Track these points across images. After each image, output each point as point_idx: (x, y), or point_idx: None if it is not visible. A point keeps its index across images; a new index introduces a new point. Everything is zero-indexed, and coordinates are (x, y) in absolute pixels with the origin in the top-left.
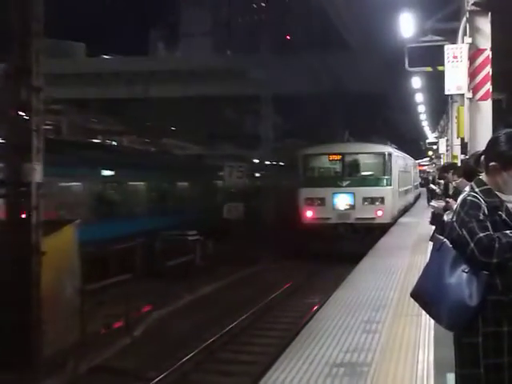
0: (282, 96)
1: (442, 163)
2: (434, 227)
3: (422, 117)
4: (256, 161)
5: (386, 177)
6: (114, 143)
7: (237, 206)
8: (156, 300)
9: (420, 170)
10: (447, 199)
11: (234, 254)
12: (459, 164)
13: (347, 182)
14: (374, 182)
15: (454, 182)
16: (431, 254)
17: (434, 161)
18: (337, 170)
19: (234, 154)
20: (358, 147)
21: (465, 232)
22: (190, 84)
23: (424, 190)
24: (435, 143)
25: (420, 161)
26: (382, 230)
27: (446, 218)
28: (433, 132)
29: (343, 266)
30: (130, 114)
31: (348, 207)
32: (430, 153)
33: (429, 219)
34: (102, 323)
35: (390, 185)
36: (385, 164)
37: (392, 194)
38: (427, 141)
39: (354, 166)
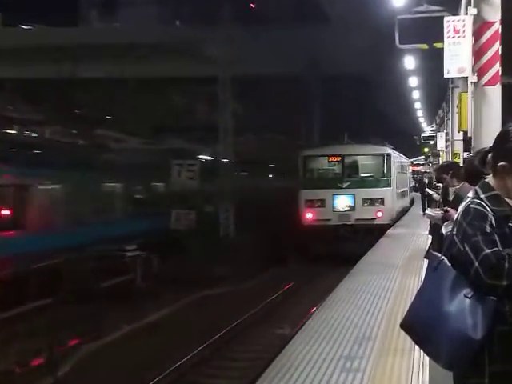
0: (246, 78)
1: (441, 162)
2: (430, 242)
3: (417, 105)
4: (213, 158)
5: (385, 178)
6: (29, 135)
7: (187, 214)
8: (87, 330)
9: (413, 171)
10: (446, 208)
11: (185, 273)
12: (461, 164)
13: (347, 184)
14: (374, 183)
15: (454, 187)
16: (426, 274)
17: (430, 159)
18: (337, 172)
19: (184, 150)
20: (358, 149)
21: (468, 248)
22: (130, 62)
23: (418, 195)
24: (432, 138)
25: (414, 159)
26: (381, 231)
27: (444, 230)
28: (429, 124)
29: (327, 284)
30: (56, 98)
31: (348, 208)
32: (426, 150)
33: (426, 231)
34: (17, 360)
35: (390, 186)
36: (384, 165)
37: (391, 195)
38: (422, 135)
39: (354, 168)
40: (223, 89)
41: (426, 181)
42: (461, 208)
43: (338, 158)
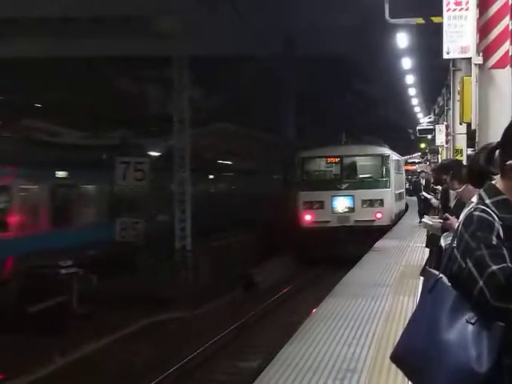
0: (206, 59)
1: (440, 160)
2: (427, 256)
3: (411, 92)
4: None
5: (384, 179)
6: None
7: (134, 223)
8: (8, 365)
9: (408, 171)
10: (446, 215)
11: (130, 295)
12: (464, 162)
13: (346, 185)
14: (373, 184)
15: (455, 191)
16: (421, 296)
17: (428, 157)
18: (335, 173)
19: (131, 144)
20: (357, 149)
21: (470, 264)
22: (62, 37)
23: (414, 200)
24: (430, 131)
25: (408, 157)
26: (380, 232)
27: (443, 242)
28: (426, 115)
29: (303, 307)
30: None
31: (347, 210)
32: (423, 145)
33: (422, 244)
34: None
35: (389, 187)
36: (383, 166)
37: (391, 196)
38: (418, 128)
39: (353, 169)
40: (178, 71)
41: (423, 182)
42: (462, 216)
43: (337, 159)
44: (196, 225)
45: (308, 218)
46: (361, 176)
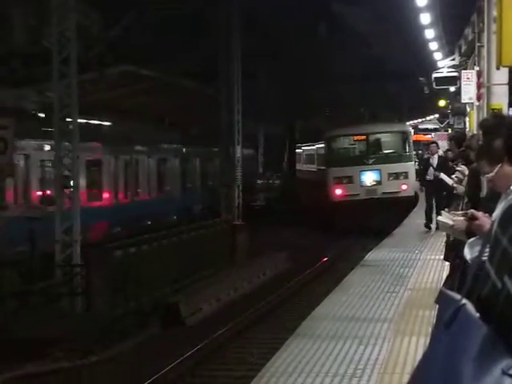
0: None
1: (468, 126)
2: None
3: (424, 19)
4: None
5: (407, 153)
6: None
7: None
8: None
9: (417, 143)
10: (471, 211)
11: None
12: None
13: (372, 160)
14: (398, 158)
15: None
16: (435, 332)
17: (449, 121)
18: (362, 149)
19: None
20: (381, 127)
21: (511, 283)
22: None
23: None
24: (453, 80)
25: (419, 121)
26: (406, 203)
27: (468, 252)
28: (448, 56)
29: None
30: None
31: (375, 183)
32: (443, 103)
33: (438, 255)
34: None
35: (412, 160)
36: (405, 141)
37: (413, 169)
38: (435, 75)
39: (378, 145)
40: None
41: (434, 161)
42: (498, 212)
43: (363, 137)
44: None
45: (338, 192)
46: (386, 151)
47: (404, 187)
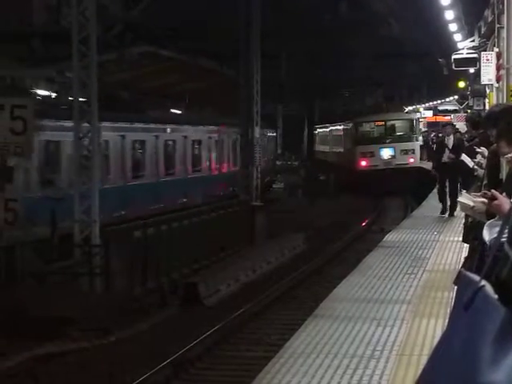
0: None
1: (488, 107)
2: (464, 255)
3: (444, 1)
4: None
5: (415, 135)
6: None
7: None
8: None
9: (432, 125)
10: (492, 192)
11: None
12: None
13: (389, 140)
14: (407, 138)
15: (505, 156)
16: (453, 314)
17: (469, 102)
18: (381, 132)
19: None
20: (395, 115)
21: None
22: None
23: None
24: (473, 61)
25: (438, 102)
26: (413, 172)
27: (487, 234)
28: (468, 37)
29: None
30: None
31: (390, 157)
32: (462, 84)
33: (457, 236)
34: None
35: (417, 140)
36: (413, 126)
37: (418, 147)
38: (455, 56)
39: (393, 129)
40: None
41: (450, 142)
42: None
43: (382, 123)
44: None
45: (363, 163)
46: (398, 133)
47: (411, 160)
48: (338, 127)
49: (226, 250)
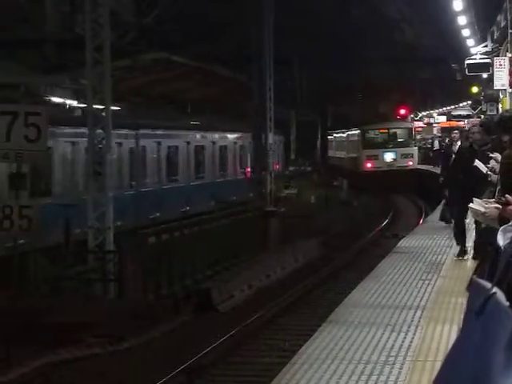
0: None
1: (500, 112)
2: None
3: (457, 5)
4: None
5: (413, 141)
6: None
7: None
8: None
9: (445, 130)
10: (507, 197)
11: None
12: None
13: (391, 145)
14: (406, 144)
15: None
16: (465, 321)
17: (482, 107)
18: (385, 138)
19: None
20: (397, 124)
21: None
22: None
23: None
24: (486, 66)
25: (451, 108)
26: (411, 172)
27: (501, 240)
28: (480, 43)
29: None
30: None
31: (392, 160)
32: (475, 90)
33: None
34: None
35: (415, 146)
36: (411, 134)
37: (416, 151)
38: (468, 61)
39: (395, 135)
40: None
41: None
42: None
43: (385, 130)
44: None
45: (369, 165)
46: (399, 140)
47: (410, 163)
48: (349, 133)
49: (240, 256)
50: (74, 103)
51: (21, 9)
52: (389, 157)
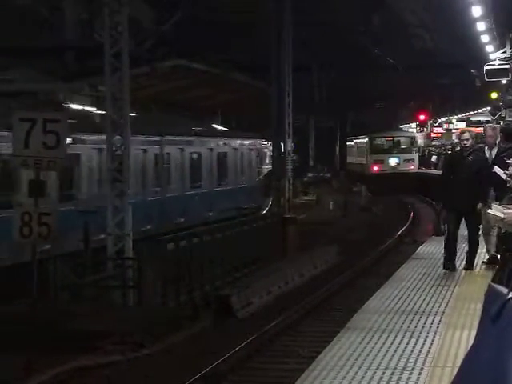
0: None
1: None
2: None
3: (476, 12)
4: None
5: (414, 148)
6: None
7: None
8: None
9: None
10: None
11: None
12: None
13: (395, 151)
14: (409, 150)
15: None
16: (482, 327)
17: (501, 113)
18: (390, 145)
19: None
20: (400, 133)
21: None
22: None
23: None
24: (505, 72)
25: (471, 114)
26: (413, 175)
27: None
28: (499, 48)
29: None
30: None
31: (396, 164)
32: (495, 95)
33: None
34: None
35: (417, 152)
36: (413, 142)
37: (417, 157)
38: (487, 67)
39: (398, 143)
40: None
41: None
42: None
43: (391, 138)
44: None
45: (375, 168)
46: (402, 147)
47: (412, 167)
48: (362, 140)
49: (258, 262)
50: (93, 110)
51: (41, 17)
52: (393, 161)
